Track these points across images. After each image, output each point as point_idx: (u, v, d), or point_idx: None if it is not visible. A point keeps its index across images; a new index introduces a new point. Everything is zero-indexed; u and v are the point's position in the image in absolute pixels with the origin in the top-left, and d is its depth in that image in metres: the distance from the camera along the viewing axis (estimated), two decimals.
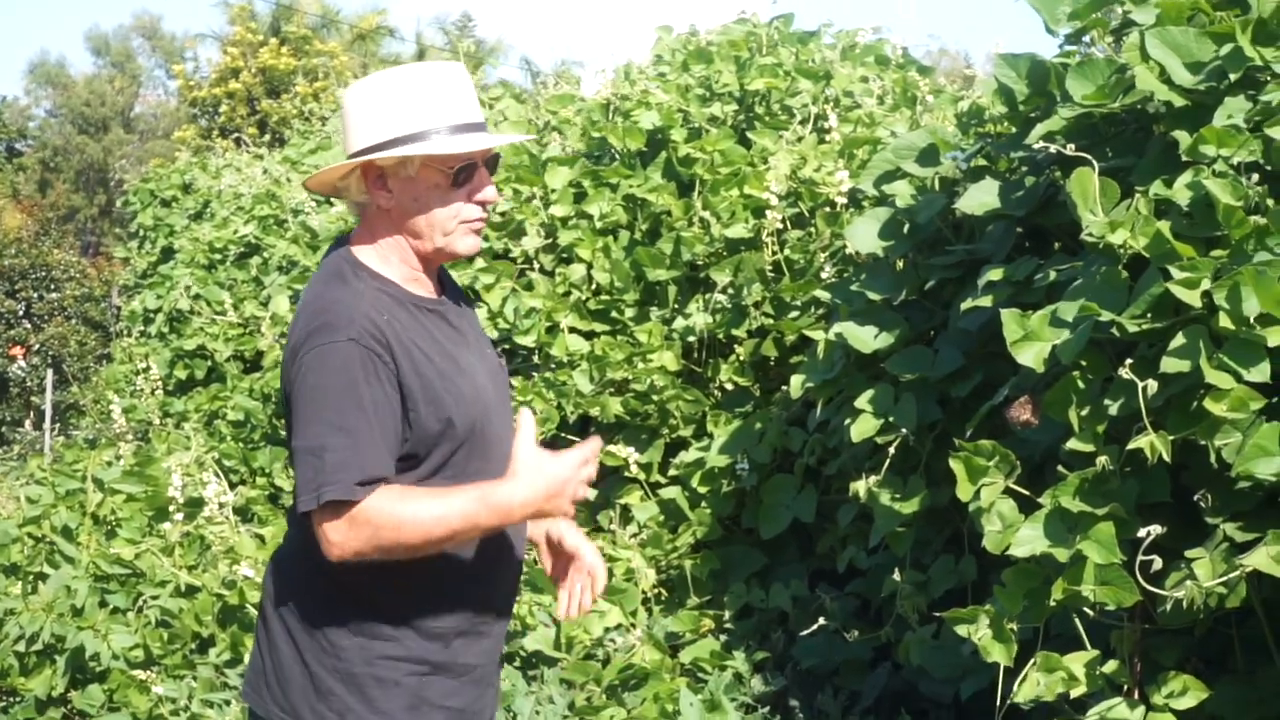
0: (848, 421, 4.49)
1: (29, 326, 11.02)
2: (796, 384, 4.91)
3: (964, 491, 3.67)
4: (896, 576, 4.47)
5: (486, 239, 6.57)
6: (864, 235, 4.70)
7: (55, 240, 11.66)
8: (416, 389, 2.49)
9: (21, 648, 5.00)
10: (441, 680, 2.60)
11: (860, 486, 4.43)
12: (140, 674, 4.95)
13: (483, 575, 2.65)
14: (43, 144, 48.07)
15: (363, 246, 2.65)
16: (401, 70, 2.65)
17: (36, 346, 10.89)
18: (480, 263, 6.40)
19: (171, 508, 5.57)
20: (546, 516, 2.60)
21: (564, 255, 6.47)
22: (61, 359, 10.88)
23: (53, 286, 11.16)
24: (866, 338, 4.50)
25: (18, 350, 10.87)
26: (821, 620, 4.71)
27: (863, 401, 4.43)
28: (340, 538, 2.39)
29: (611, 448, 5.67)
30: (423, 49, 38.61)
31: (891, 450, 4.34)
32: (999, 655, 3.56)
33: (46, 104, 49.64)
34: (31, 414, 10.91)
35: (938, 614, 4.12)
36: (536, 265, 6.43)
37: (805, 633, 4.76)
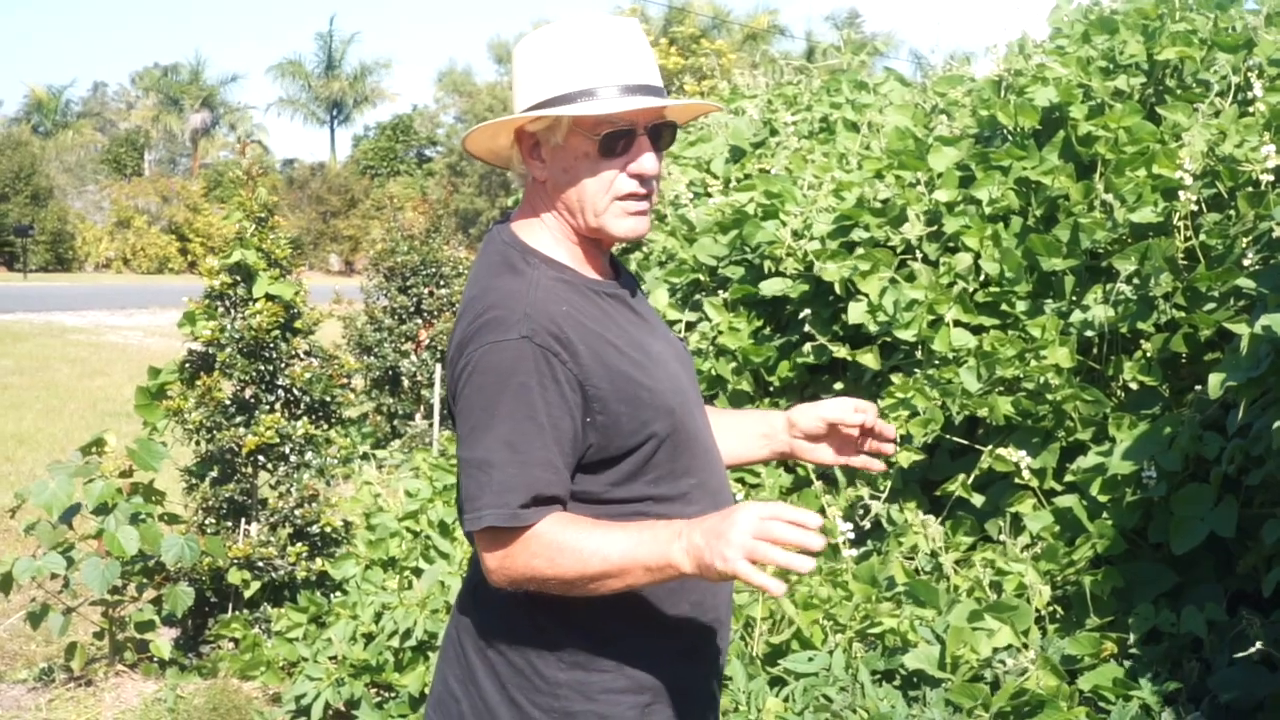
0: (1276, 425, 3.95)
1: (419, 322, 11.38)
2: (1215, 383, 4.37)
3: None
4: None
5: (866, 227, 6.22)
6: None
7: (445, 237, 12.00)
8: (607, 387, 2.20)
9: (396, 643, 5.00)
10: (662, 709, 2.32)
11: None
12: None
13: (704, 589, 2.35)
14: (450, 149, 50.64)
15: (526, 225, 2.40)
16: (562, 25, 2.32)
17: (426, 341, 11.23)
18: (858, 251, 6.06)
19: None
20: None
21: (949, 244, 6.04)
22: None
23: (442, 283, 11.50)
24: None
25: (419, 338, 11.22)
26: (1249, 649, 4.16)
27: None
28: (497, 564, 2.16)
29: (1002, 451, 5.24)
30: (812, 46, 38.55)
31: None
32: None
33: (453, 111, 52.32)
34: (421, 407, 11.27)
35: None
36: (919, 254, 6.03)
37: (1228, 663, 4.22)
